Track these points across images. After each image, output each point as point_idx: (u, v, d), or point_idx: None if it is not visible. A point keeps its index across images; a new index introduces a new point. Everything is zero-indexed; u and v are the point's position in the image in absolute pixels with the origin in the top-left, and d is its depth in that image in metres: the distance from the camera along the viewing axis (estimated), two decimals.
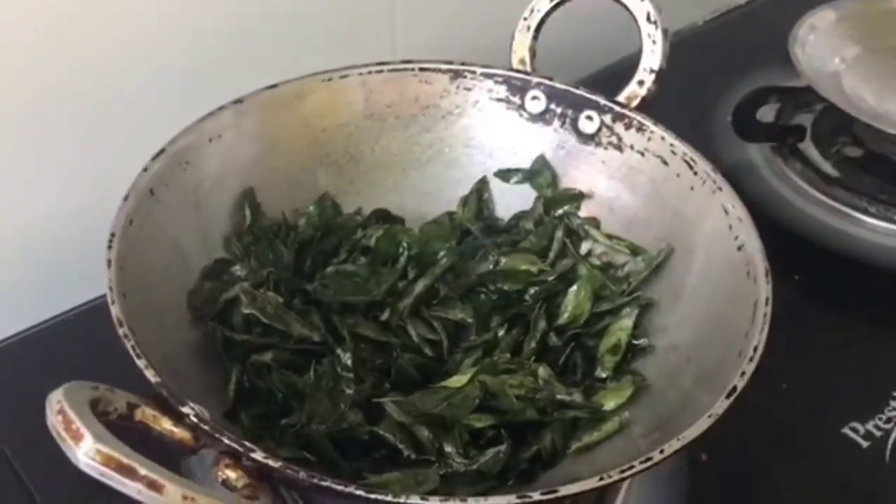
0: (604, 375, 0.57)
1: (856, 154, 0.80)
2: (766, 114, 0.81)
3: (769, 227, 0.57)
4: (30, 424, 0.61)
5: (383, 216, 0.65)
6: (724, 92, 0.84)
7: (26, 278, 0.71)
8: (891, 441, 0.63)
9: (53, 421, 0.42)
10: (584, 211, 0.64)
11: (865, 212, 0.75)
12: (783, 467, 0.62)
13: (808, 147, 0.80)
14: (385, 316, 0.59)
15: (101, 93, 0.68)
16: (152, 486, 0.41)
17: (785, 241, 0.74)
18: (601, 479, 0.45)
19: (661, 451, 0.46)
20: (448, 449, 0.52)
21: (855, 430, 0.63)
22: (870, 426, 0.63)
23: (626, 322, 0.58)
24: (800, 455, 0.63)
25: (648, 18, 0.62)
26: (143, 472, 0.41)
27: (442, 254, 0.62)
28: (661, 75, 0.62)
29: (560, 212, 0.64)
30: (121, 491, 0.41)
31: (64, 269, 0.71)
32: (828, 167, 0.79)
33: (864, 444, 0.63)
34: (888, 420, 0.64)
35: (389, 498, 0.44)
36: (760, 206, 0.72)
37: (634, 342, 0.58)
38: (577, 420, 0.54)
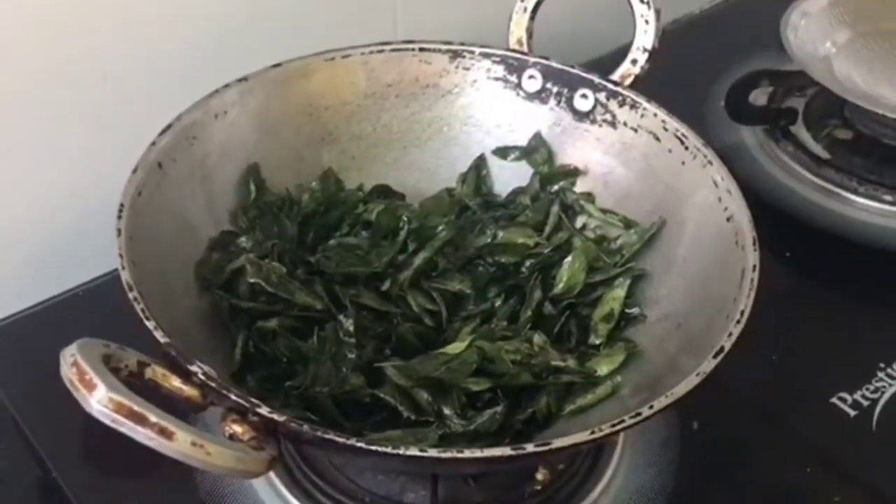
0: (597, 342, 0.59)
1: (846, 136, 0.82)
2: (759, 97, 0.83)
3: (761, 207, 0.59)
4: (42, 393, 0.65)
5: (384, 192, 0.67)
6: (719, 77, 0.85)
7: (38, 254, 0.73)
8: (877, 410, 0.64)
9: (68, 373, 0.44)
10: (579, 186, 0.66)
11: (855, 192, 0.77)
12: (772, 435, 0.64)
13: (800, 129, 0.82)
14: (386, 286, 0.61)
15: (109, 72, 0.69)
16: (163, 432, 0.43)
17: (777, 220, 0.76)
18: (592, 432, 0.47)
19: (651, 407, 0.48)
20: (446, 411, 0.54)
21: (843, 400, 0.65)
22: (857, 396, 0.65)
23: (619, 292, 0.60)
24: (789, 424, 0.64)
25: None
26: (153, 419, 0.43)
27: (441, 228, 0.64)
28: (653, 54, 0.64)
29: (556, 187, 0.66)
30: (132, 437, 0.43)
31: (75, 245, 0.73)
32: (819, 149, 0.81)
33: (852, 413, 0.64)
34: (875, 390, 0.66)
35: (389, 450, 0.46)
36: (753, 187, 0.74)
37: (627, 311, 0.60)
38: (570, 384, 0.56)
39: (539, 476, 0.58)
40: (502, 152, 0.67)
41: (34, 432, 0.64)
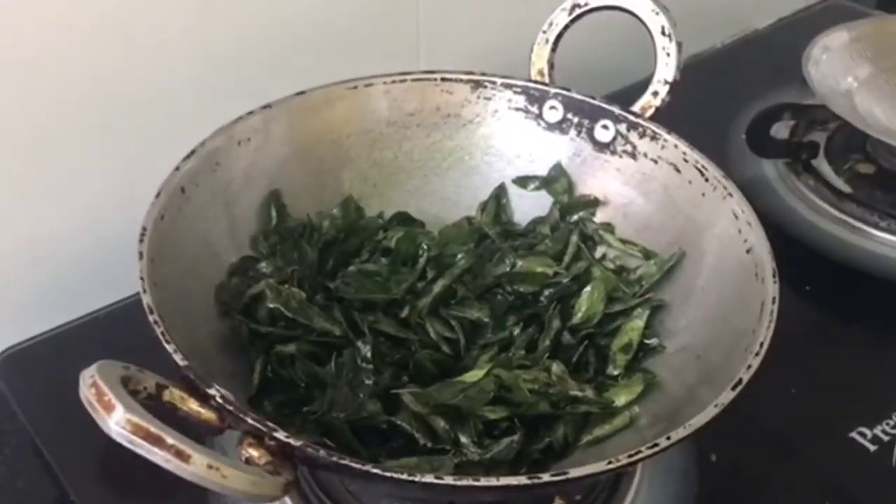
0: (615, 373, 0.59)
1: (868, 171, 0.82)
2: (781, 131, 0.83)
3: (782, 240, 0.59)
4: (61, 416, 0.65)
5: (404, 219, 0.67)
6: (741, 111, 0.86)
7: (60, 277, 0.74)
8: None
9: (87, 393, 0.44)
10: (599, 216, 0.66)
11: (876, 226, 0.77)
12: (791, 469, 0.63)
13: (821, 163, 0.82)
14: (404, 314, 0.61)
15: (136, 98, 0.71)
16: (179, 455, 0.43)
17: (797, 253, 0.76)
18: (609, 462, 0.46)
19: (668, 438, 0.47)
20: (463, 439, 0.54)
21: (863, 435, 0.65)
22: (877, 431, 0.65)
23: (638, 322, 0.60)
24: (808, 458, 0.64)
25: (663, 32, 0.65)
26: (170, 441, 0.43)
27: (460, 256, 0.64)
28: (674, 86, 0.65)
29: (576, 217, 0.66)
30: (149, 458, 0.43)
31: (97, 268, 0.73)
32: (840, 183, 0.81)
33: (872, 447, 0.64)
34: (895, 426, 0.65)
35: (405, 476, 0.46)
36: (774, 221, 0.74)
37: (646, 342, 0.60)
38: (588, 414, 0.56)
39: None
40: (522, 182, 0.68)
41: (53, 455, 0.64)
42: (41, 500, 0.64)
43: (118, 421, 0.43)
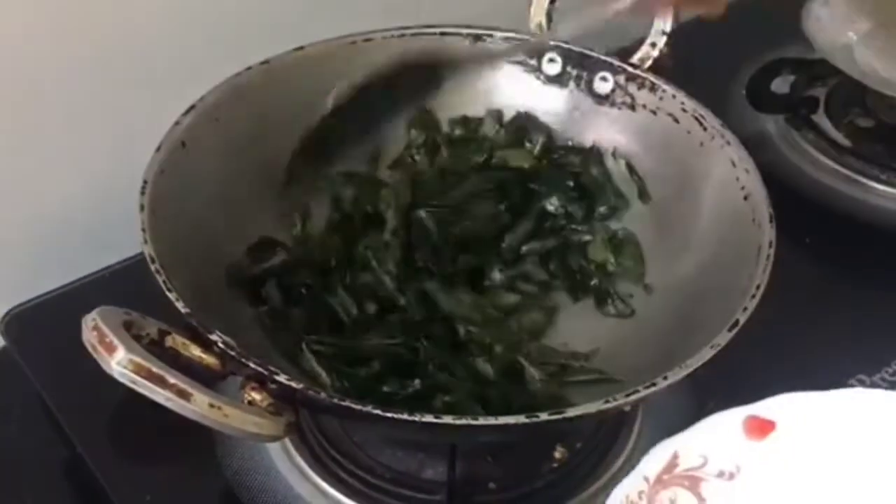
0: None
1: (867, 124, 0.82)
2: (781, 87, 0.83)
3: (782, 194, 0.59)
4: (69, 373, 0.66)
5: None
6: (741, 67, 0.86)
7: (64, 236, 0.74)
8: None
9: (88, 336, 0.45)
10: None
11: (876, 179, 0.77)
12: None
13: (821, 118, 0.83)
14: None
15: (133, 55, 0.71)
16: (181, 394, 0.44)
17: (797, 207, 0.76)
18: (606, 401, 0.47)
19: (665, 378, 0.48)
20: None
21: (861, 382, 0.65)
22: (876, 378, 0.65)
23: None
24: None
25: None
26: (172, 380, 0.44)
27: None
28: (672, 38, 0.65)
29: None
30: (151, 398, 0.44)
31: (101, 228, 0.74)
32: (840, 137, 0.81)
33: None
34: (894, 373, 0.65)
35: (405, 416, 0.46)
36: (774, 175, 0.73)
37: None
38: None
39: (557, 454, 0.59)
40: None
41: (61, 411, 0.64)
42: (51, 459, 0.64)
43: (120, 361, 0.44)
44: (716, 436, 0.52)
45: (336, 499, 0.59)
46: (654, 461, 0.52)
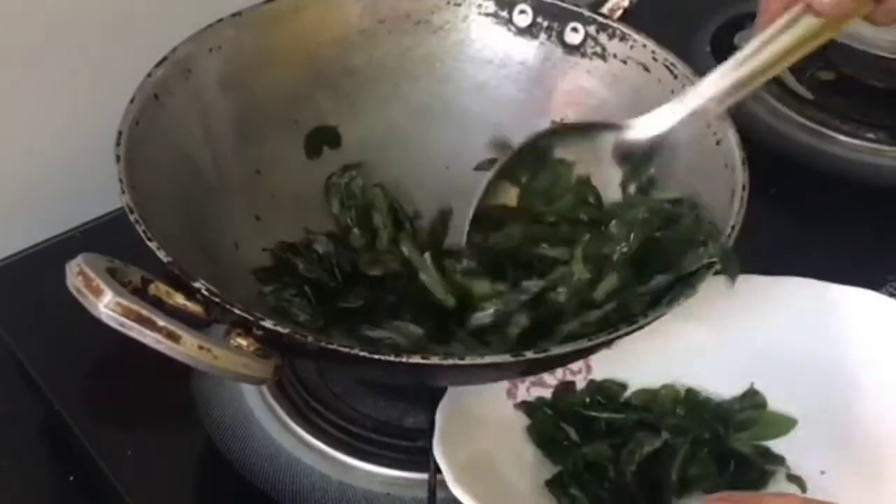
0: None
1: (829, 77, 0.84)
2: (744, 40, 0.84)
3: (747, 146, 0.59)
4: (43, 332, 0.65)
5: None
6: (705, 21, 0.87)
7: (36, 193, 0.74)
8: None
9: (74, 281, 0.45)
10: (571, 119, 0.66)
11: (838, 130, 0.80)
12: None
13: (784, 72, 0.83)
14: None
15: (103, 10, 0.70)
16: (171, 336, 0.44)
17: (762, 158, 0.76)
18: (589, 339, 0.48)
19: (646, 316, 0.49)
20: None
21: None
22: None
23: None
24: None
25: None
26: (161, 323, 0.44)
27: None
28: None
29: None
30: (140, 340, 0.44)
31: (73, 184, 0.73)
32: (802, 90, 0.83)
33: None
34: None
35: (392, 358, 0.47)
36: (739, 128, 0.74)
37: None
38: None
39: None
40: None
41: (38, 371, 0.64)
42: (26, 421, 0.64)
43: (108, 304, 0.44)
44: None
45: (318, 448, 0.59)
46: None
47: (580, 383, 0.60)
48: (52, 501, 0.62)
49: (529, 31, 0.67)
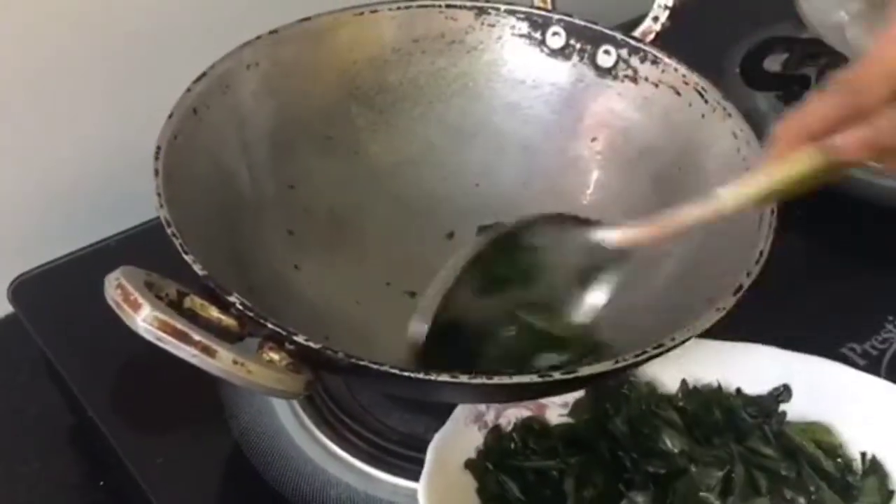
0: None
1: None
2: (773, 64, 0.85)
3: None
4: (76, 337, 0.66)
5: None
6: (734, 45, 0.87)
7: (70, 205, 0.75)
8: (885, 360, 0.66)
9: (113, 294, 0.46)
10: (602, 141, 0.67)
11: None
12: None
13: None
14: None
15: (146, 27, 0.72)
16: (206, 350, 0.45)
17: None
18: (616, 362, 0.49)
19: (673, 339, 0.50)
20: None
21: (852, 350, 0.67)
22: (867, 346, 0.67)
23: None
24: None
25: None
26: (197, 337, 0.45)
27: None
28: (674, 12, 0.66)
29: None
30: (176, 354, 0.45)
31: (108, 196, 0.75)
32: None
33: (861, 362, 0.66)
34: (883, 341, 0.67)
35: (421, 375, 0.47)
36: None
37: None
38: None
39: None
40: None
41: (71, 377, 0.65)
42: (57, 425, 0.66)
43: (146, 318, 0.44)
44: None
45: (345, 459, 0.60)
46: None
47: None
48: None
49: (562, 53, 0.68)
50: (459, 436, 0.56)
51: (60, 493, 0.63)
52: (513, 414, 0.58)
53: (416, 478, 0.58)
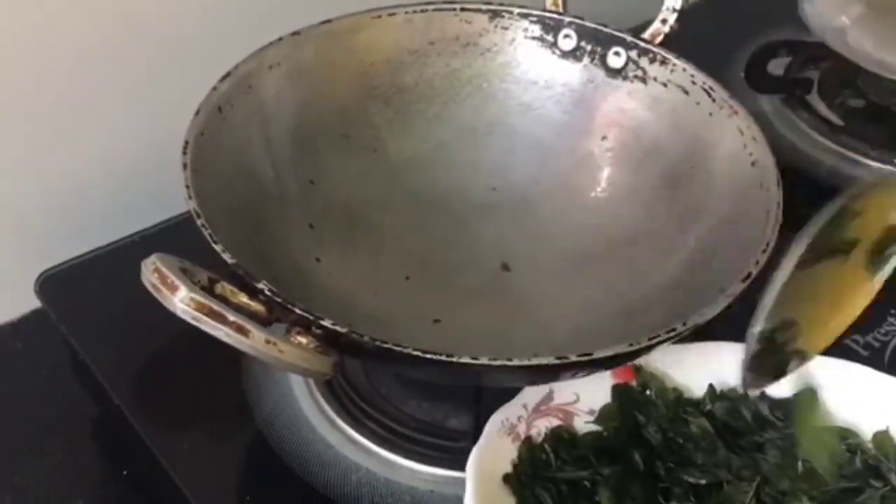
0: None
1: (859, 105, 0.87)
2: (777, 68, 0.87)
3: (778, 170, 0.62)
4: (103, 331, 0.68)
5: None
6: (738, 49, 0.90)
7: (96, 202, 0.77)
8: (888, 351, 0.68)
9: (150, 278, 0.47)
10: (612, 140, 0.69)
11: (867, 156, 0.82)
12: None
13: (815, 99, 0.87)
14: None
15: (169, 32, 0.74)
16: (240, 330, 0.46)
17: (792, 182, 0.79)
18: (630, 345, 0.50)
19: (684, 324, 0.52)
20: None
21: (856, 342, 0.68)
22: (869, 338, 0.69)
23: None
24: None
25: None
26: (232, 318, 0.46)
27: None
28: (682, 14, 0.68)
29: None
30: (211, 334, 0.46)
31: (133, 194, 0.77)
32: (833, 117, 0.85)
33: (864, 353, 0.68)
34: (886, 333, 0.69)
35: (443, 358, 0.49)
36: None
37: None
38: None
39: None
40: None
41: (99, 368, 0.67)
42: (83, 418, 0.67)
43: (183, 299, 0.46)
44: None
45: (365, 445, 0.62)
46: (533, 392, 0.58)
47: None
48: (105, 494, 0.64)
49: (573, 55, 0.70)
50: (494, 449, 0.56)
51: (83, 483, 0.64)
52: (543, 424, 0.58)
53: (433, 463, 0.61)
